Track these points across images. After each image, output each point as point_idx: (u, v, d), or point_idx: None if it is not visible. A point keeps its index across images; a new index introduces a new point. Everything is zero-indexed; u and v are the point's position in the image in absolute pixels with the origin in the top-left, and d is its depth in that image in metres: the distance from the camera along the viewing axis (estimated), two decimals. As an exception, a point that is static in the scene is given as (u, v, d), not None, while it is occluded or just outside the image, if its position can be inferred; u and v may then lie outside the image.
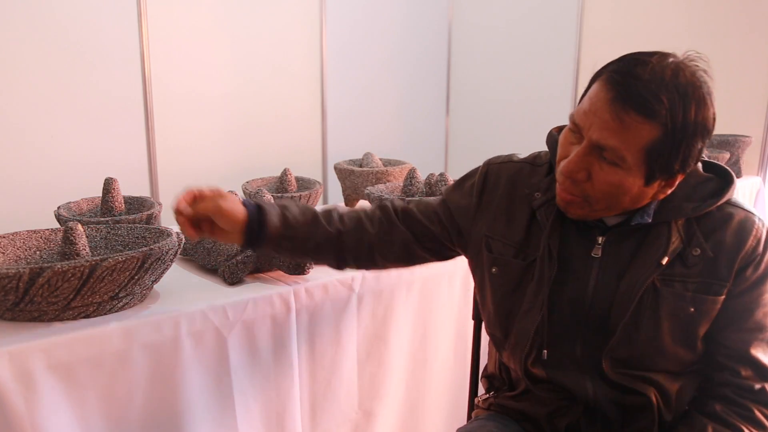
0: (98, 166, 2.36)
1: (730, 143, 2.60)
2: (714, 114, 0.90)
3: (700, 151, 0.92)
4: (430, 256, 1.19)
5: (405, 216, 1.16)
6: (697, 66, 0.91)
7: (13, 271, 1.01)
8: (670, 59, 0.90)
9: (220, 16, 2.68)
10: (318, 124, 3.11)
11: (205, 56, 2.66)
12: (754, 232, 0.97)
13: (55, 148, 2.31)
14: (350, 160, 2.38)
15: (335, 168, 2.23)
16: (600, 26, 3.13)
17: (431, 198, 1.19)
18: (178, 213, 1.03)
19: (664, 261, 0.96)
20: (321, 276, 1.39)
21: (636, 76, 0.87)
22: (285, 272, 1.37)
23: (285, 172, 2.01)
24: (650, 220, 0.99)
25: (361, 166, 2.30)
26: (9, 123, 2.20)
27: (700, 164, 1.02)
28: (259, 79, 2.85)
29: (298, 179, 2.06)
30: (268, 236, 1.06)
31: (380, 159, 2.34)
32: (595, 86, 0.91)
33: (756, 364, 0.98)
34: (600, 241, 1.01)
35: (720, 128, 3.00)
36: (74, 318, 1.11)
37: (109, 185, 1.62)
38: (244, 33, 2.76)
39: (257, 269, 1.39)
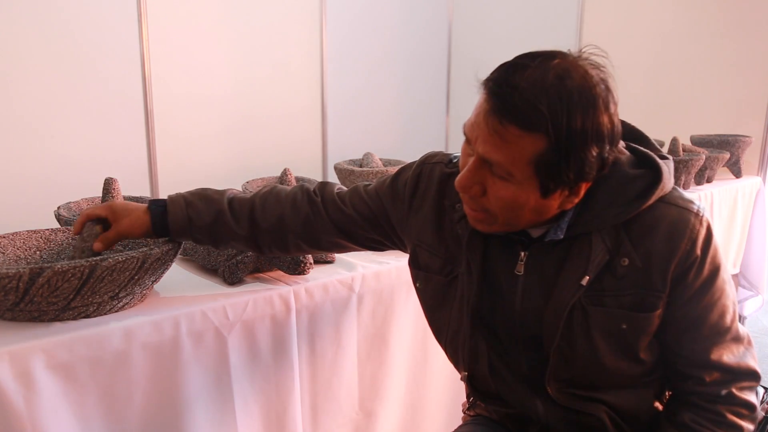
0: (98, 166, 2.36)
1: (731, 143, 2.60)
2: (610, 116, 0.81)
3: (600, 157, 0.82)
4: (360, 247, 1.17)
5: (335, 211, 1.11)
6: (591, 64, 0.82)
7: (13, 271, 1.01)
8: (556, 60, 0.80)
9: (220, 16, 2.68)
10: (318, 124, 3.11)
11: (205, 56, 2.66)
12: (687, 234, 0.87)
13: (55, 147, 2.31)
14: (350, 160, 2.38)
15: (335, 168, 2.23)
16: (600, 26, 3.13)
17: (366, 190, 1.12)
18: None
19: (585, 281, 0.89)
20: (321, 276, 1.39)
21: (512, 85, 0.78)
22: (285, 272, 1.37)
23: (285, 172, 2.00)
24: (562, 236, 0.90)
25: (361, 166, 2.30)
26: (9, 123, 2.20)
27: (629, 159, 0.91)
28: (259, 78, 2.85)
29: (298, 179, 2.06)
30: (176, 237, 1.15)
31: (380, 159, 2.34)
32: (481, 96, 0.83)
33: (720, 367, 0.92)
34: (522, 257, 0.94)
35: (720, 128, 3.01)
36: (74, 318, 1.11)
37: (109, 185, 1.61)
38: (244, 33, 2.76)
39: (257, 269, 1.39)
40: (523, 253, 0.94)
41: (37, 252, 1.27)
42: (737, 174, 2.71)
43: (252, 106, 2.84)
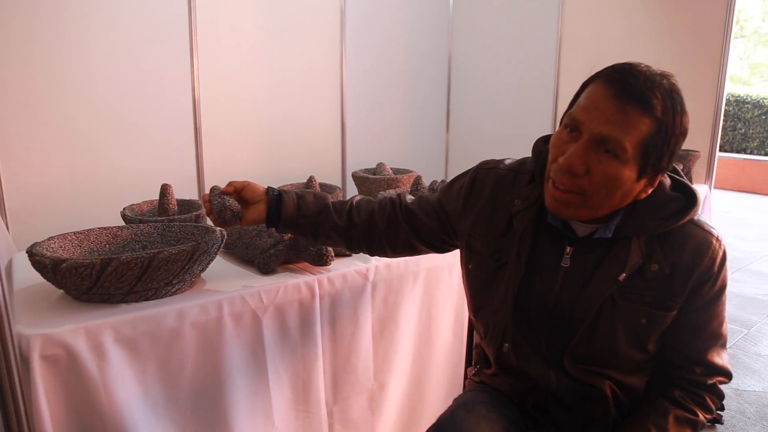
0: (156, 173, 2.38)
1: (683, 156, 2.58)
2: (689, 121, 0.85)
3: (677, 154, 0.86)
4: (429, 249, 1.17)
5: (407, 214, 1.14)
6: (676, 81, 0.86)
7: (87, 261, 1.03)
8: (657, 68, 0.85)
9: (256, 50, 2.70)
10: (338, 139, 3.13)
11: (244, 83, 2.68)
12: (710, 253, 0.90)
13: (122, 158, 2.34)
14: (365, 168, 2.39)
15: (353, 176, 2.24)
16: (576, 36, 3.05)
17: (432, 195, 1.17)
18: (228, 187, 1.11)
19: (622, 277, 0.91)
20: (341, 267, 1.40)
21: (634, 76, 0.82)
22: (310, 264, 1.38)
23: (310, 179, 2.01)
24: (611, 235, 0.92)
25: (374, 174, 2.31)
26: (83, 139, 2.23)
27: (668, 183, 0.95)
28: (289, 101, 2.87)
29: (321, 185, 2.07)
30: (284, 220, 1.11)
31: (390, 168, 2.35)
32: (592, 87, 0.86)
33: (709, 365, 0.96)
34: (568, 251, 0.96)
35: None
36: (136, 300, 1.13)
37: (165, 190, 1.64)
38: (276, 64, 2.78)
39: (287, 261, 1.40)
40: (569, 248, 0.96)
41: (107, 245, 1.29)
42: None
43: (283, 123, 2.86)
